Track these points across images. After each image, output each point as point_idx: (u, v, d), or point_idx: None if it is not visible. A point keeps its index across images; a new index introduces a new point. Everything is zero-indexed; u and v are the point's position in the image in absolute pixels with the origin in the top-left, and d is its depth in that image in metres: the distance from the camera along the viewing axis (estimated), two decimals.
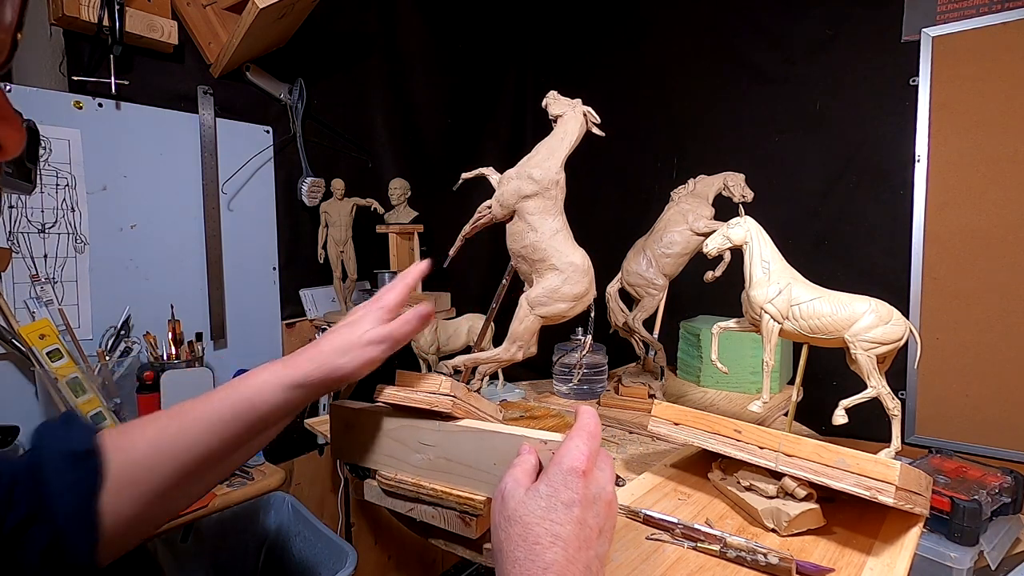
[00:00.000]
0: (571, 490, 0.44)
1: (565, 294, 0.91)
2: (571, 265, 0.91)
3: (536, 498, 0.45)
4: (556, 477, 0.45)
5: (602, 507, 0.46)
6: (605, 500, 0.46)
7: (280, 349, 1.70)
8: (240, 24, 1.35)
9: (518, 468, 0.49)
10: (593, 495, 0.45)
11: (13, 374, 1.21)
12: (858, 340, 0.84)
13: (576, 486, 0.44)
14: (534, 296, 0.93)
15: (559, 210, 0.93)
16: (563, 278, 0.91)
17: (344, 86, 1.84)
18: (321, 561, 1.23)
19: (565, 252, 0.91)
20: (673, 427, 0.80)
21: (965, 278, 1.44)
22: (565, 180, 0.93)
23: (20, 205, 1.22)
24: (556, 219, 0.92)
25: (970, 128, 1.42)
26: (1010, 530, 1.04)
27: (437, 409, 0.66)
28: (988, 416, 1.41)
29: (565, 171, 0.95)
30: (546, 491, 0.45)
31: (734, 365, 1.29)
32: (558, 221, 0.92)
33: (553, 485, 0.45)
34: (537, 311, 0.93)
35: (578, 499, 0.44)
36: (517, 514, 0.44)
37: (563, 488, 0.44)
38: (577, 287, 0.91)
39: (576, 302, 0.92)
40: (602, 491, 0.46)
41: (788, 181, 1.68)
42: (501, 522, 0.45)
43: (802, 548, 0.65)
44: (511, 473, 0.49)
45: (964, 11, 1.42)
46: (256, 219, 1.63)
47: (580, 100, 0.99)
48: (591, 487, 0.46)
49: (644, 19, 2.04)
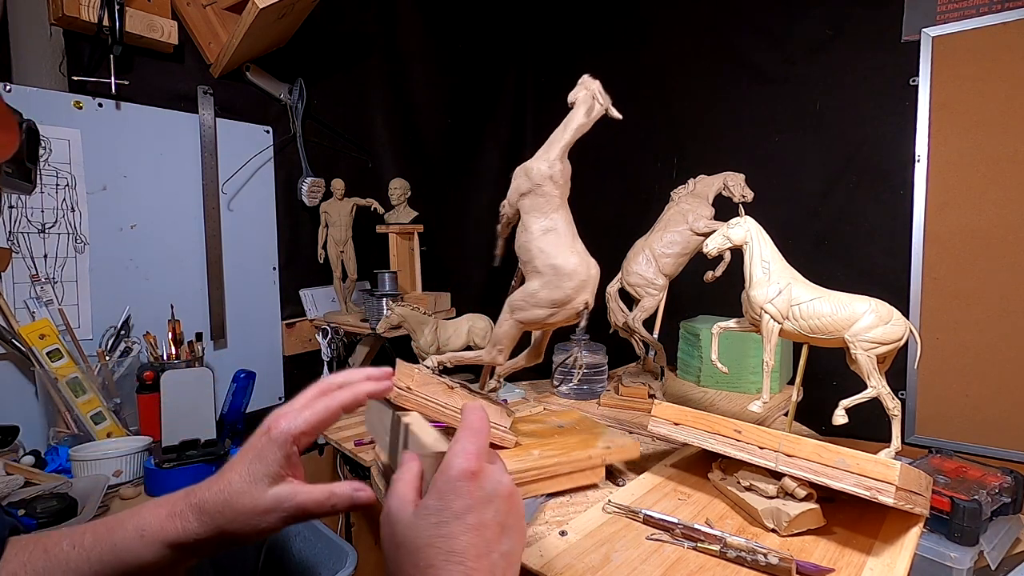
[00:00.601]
0: (462, 497, 0.41)
1: (542, 299, 0.83)
2: (552, 268, 0.82)
3: (426, 516, 0.41)
4: (445, 487, 0.41)
5: (501, 503, 0.42)
6: (503, 495, 0.43)
7: (280, 349, 1.70)
8: (240, 24, 1.35)
9: (400, 483, 0.44)
10: (488, 494, 0.42)
11: (13, 374, 1.21)
12: (858, 340, 0.84)
13: (467, 491, 0.41)
14: (513, 299, 0.87)
15: (553, 208, 0.83)
16: (543, 282, 0.82)
17: (344, 86, 1.84)
18: (321, 561, 1.23)
19: (550, 254, 0.82)
20: (673, 427, 0.80)
21: (965, 278, 1.44)
22: (570, 173, 0.84)
23: (20, 205, 1.22)
24: (547, 218, 0.83)
25: (970, 128, 1.42)
26: (1010, 530, 1.04)
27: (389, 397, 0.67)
28: (988, 416, 1.41)
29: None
30: (436, 505, 0.41)
31: (734, 365, 1.29)
32: (550, 220, 0.83)
33: (443, 497, 0.41)
34: (515, 315, 0.86)
35: (472, 504, 0.41)
36: (407, 539, 0.40)
37: (453, 497, 0.41)
38: (556, 293, 0.82)
39: (556, 309, 0.82)
40: (498, 485, 0.43)
41: (788, 181, 1.68)
42: (391, 550, 0.41)
43: (802, 548, 0.65)
44: (393, 491, 0.44)
45: (964, 11, 1.42)
46: (256, 219, 1.63)
47: (588, 76, 0.90)
48: (485, 486, 0.42)
49: (644, 19, 2.04)
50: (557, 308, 0.83)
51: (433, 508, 0.41)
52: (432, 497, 0.42)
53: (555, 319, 0.84)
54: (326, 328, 1.67)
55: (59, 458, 1.13)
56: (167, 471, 1.06)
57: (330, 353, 1.68)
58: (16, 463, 1.07)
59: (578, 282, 0.81)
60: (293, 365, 1.73)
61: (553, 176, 0.82)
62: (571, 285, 0.81)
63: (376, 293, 1.55)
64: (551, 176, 0.82)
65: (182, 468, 1.07)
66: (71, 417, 1.18)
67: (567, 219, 0.84)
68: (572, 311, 0.83)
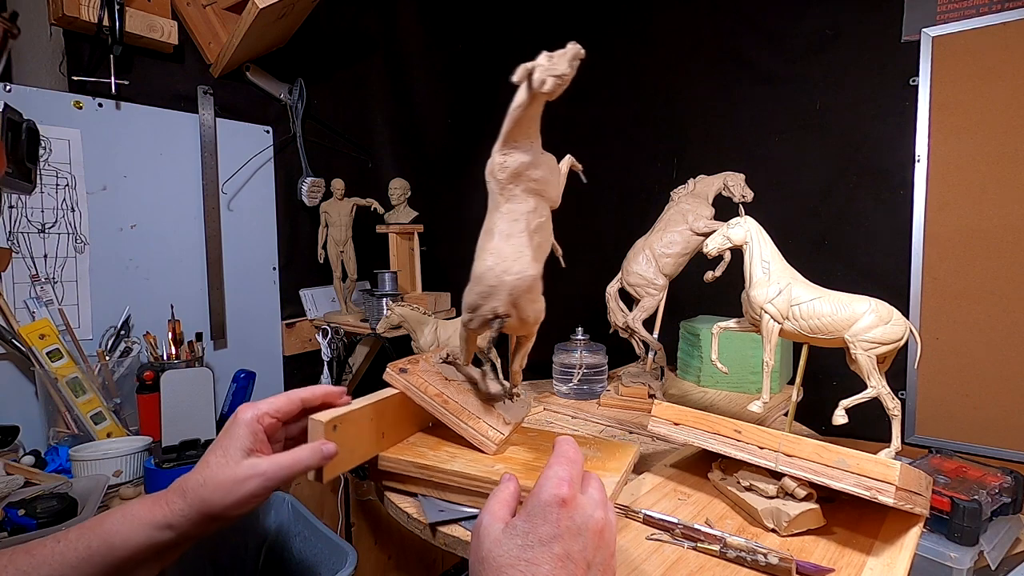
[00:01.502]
0: (550, 523, 0.40)
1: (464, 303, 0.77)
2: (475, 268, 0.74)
3: (512, 536, 0.41)
4: (534, 510, 0.41)
5: (590, 538, 0.41)
6: (594, 529, 0.42)
7: (280, 349, 1.70)
8: (240, 24, 1.35)
9: (494, 500, 0.45)
10: (579, 526, 0.41)
11: (13, 374, 1.21)
12: (858, 340, 0.84)
13: (556, 518, 0.41)
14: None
15: (495, 206, 0.73)
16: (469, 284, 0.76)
17: (344, 86, 1.84)
18: (321, 561, 1.23)
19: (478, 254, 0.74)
20: (673, 427, 0.80)
21: (965, 278, 1.44)
22: (523, 166, 0.70)
23: (20, 205, 1.22)
24: (490, 216, 0.74)
25: (970, 128, 1.42)
26: (1010, 530, 1.04)
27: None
28: (988, 416, 1.41)
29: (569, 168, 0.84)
30: (523, 527, 0.41)
31: (734, 365, 1.29)
32: (491, 219, 0.74)
33: (531, 520, 0.41)
34: (462, 318, 0.80)
35: (559, 533, 0.40)
36: (492, 555, 0.40)
37: (541, 522, 0.40)
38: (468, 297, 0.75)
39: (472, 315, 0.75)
40: (589, 519, 0.42)
41: (788, 181, 1.68)
42: (475, 563, 0.42)
43: (802, 548, 0.65)
44: (487, 506, 0.44)
45: (964, 11, 1.42)
46: (256, 219, 1.63)
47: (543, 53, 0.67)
48: (576, 517, 0.41)
49: (644, 19, 2.04)
50: (471, 313, 0.76)
51: (521, 530, 0.41)
52: (521, 518, 0.42)
53: (472, 325, 0.77)
54: (326, 328, 1.67)
55: (59, 458, 1.13)
56: (167, 471, 1.06)
57: (330, 353, 1.68)
58: (16, 463, 1.07)
59: (484, 287, 0.72)
60: (293, 365, 1.73)
61: (492, 171, 0.72)
62: (478, 290, 0.73)
63: (376, 293, 1.55)
64: (491, 171, 0.72)
65: (182, 468, 1.06)
66: (71, 417, 1.18)
67: (512, 218, 0.73)
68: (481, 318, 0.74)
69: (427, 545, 0.78)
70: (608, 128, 2.01)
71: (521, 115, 0.66)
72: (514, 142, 0.70)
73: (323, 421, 0.60)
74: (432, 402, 0.82)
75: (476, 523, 0.44)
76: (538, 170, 0.72)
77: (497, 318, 0.73)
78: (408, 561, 1.96)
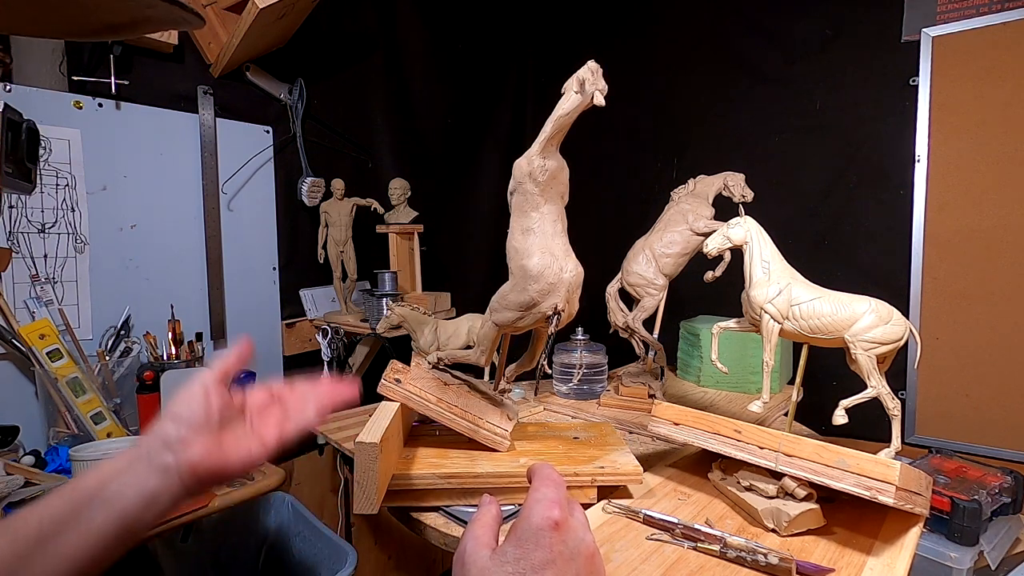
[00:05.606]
0: (543, 549, 0.38)
1: (511, 302, 0.79)
2: (521, 269, 0.78)
3: (502, 563, 0.38)
4: (525, 535, 0.39)
5: (583, 563, 0.39)
6: (586, 554, 0.40)
7: (280, 349, 1.70)
8: (240, 24, 1.35)
9: (477, 524, 0.42)
10: (571, 550, 0.39)
11: (13, 374, 1.21)
12: (858, 340, 0.84)
13: (548, 543, 0.38)
14: (492, 300, 0.84)
15: (534, 207, 0.78)
16: (512, 283, 0.80)
17: (344, 86, 1.84)
18: (321, 561, 1.23)
19: (524, 253, 0.78)
20: (673, 427, 0.80)
21: (965, 278, 1.44)
22: (557, 169, 0.77)
23: (20, 205, 1.22)
24: (527, 217, 0.78)
25: (970, 128, 1.42)
26: (1010, 530, 1.04)
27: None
28: (988, 416, 1.41)
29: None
30: (514, 553, 0.38)
31: (734, 365, 1.29)
32: (529, 219, 0.78)
33: (523, 546, 0.39)
34: (492, 317, 0.83)
35: (552, 558, 0.38)
36: None
37: (534, 547, 0.38)
38: (522, 295, 0.78)
39: (524, 312, 0.78)
40: (581, 543, 0.40)
41: (788, 181, 1.68)
42: None
43: (802, 548, 0.65)
44: (470, 530, 0.42)
45: (964, 11, 1.42)
46: (256, 219, 1.63)
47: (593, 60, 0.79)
48: (568, 541, 0.39)
49: (644, 19, 2.05)
50: (524, 311, 0.78)
51: (511, 556, 0.38)
52: (511, 543, 0.39)
53: (523, 323, 0.80)
54: (326, 328, 1.67)
55: (59, 458, 1.13)
56: None
57: (330, 353, 1.68)
58: (16, 463, 1.07)
59: (544, 284, 0.76)
60: (293, 365, 1.73)
61: (532, 173, 0.76)
62: (536, 288, 0.76)
63: (376, 293, 1.55)
64: (530, 173, 0.76)
65: None
66: (71, 417, 1.18)
67: (552, 219, 0.78)
68: (540, 315, 0.78)
69: (427, 545, 0.78)
70: (608, 128, 2.01)
71: (567, 122, 0.74)
72: (553, 147, 0.76)
73: (376, 442, 0.66)
74: (437, 409, 0.83)
75: (459, 549, 0.41)
76: (563, 172, 0.78)
77: (556, 314, 0.78)
78: (408, 561, 1.96)
